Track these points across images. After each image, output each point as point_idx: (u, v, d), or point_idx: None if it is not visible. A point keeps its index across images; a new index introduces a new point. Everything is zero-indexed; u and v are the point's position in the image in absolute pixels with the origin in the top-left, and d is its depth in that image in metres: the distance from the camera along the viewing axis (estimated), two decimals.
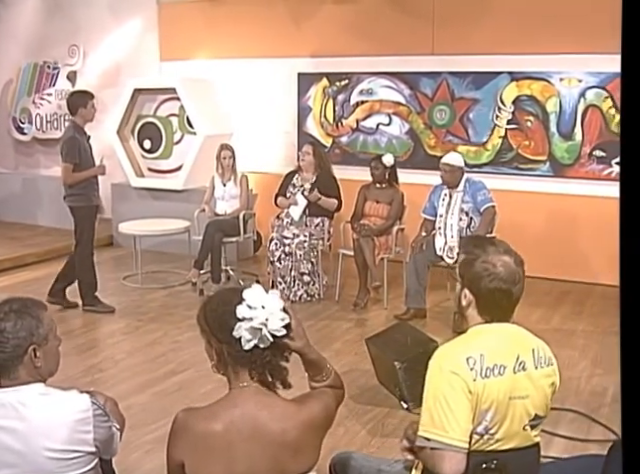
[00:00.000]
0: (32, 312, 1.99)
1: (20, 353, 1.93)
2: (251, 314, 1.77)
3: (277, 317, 1.78)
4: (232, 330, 1.79)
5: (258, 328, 1.77)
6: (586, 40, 6.26)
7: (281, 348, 1.85)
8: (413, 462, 2.17)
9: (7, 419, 1.88)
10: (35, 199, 9.23)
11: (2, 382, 1.96)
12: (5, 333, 1.92)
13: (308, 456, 1.85)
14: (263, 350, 1.81)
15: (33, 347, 1.95)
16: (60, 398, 1.97)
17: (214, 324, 1.86)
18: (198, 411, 1.89)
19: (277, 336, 1.80)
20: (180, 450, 1.80)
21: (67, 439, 1.88)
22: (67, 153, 5.56)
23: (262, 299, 1.79)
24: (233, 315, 1.78)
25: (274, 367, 1.84)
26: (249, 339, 1.79)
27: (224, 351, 1.84)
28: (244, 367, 1.83)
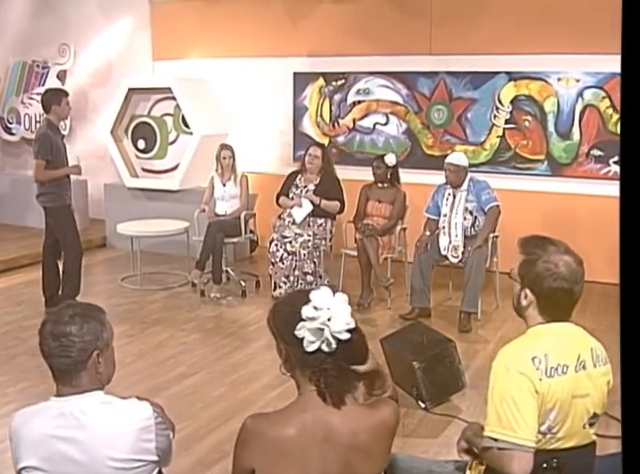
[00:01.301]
0: (96, 316, 1.94)
1: (84, 358, 1.87)
2: (315, 314, 1.74)
3: (341, 320, 1.75)
4: (295, 330, 1.77)
5: (320, 328, 1.74)
6: (584, 40, 6.32)
7: (345, 361, 1.80)
8: (466, 463, 2.16)
9: (68, 429, 1.83)
10: (24, 200, 9.07)
11: (62, 390, 1.90)
12: (71, 337, 1.86)
13: (378, 460, 1.83)
14: (326, 355, 1.77)
15: (97, 352, 1.90)
16: (122, 406, 1.92)
17: (280, 325, 1.84)
18: (268, 417, 1.86)
19: (341, 341, 1.76)
20: (251, 457, 1.77)
21: (131, 448, 1.84)
22: (39, 149, 5.46)
23: (328, 301, 1.76)
24: (298, 315, 1.76)
25: (332, 377, 1.78)
26: (312, 340, 1.76)
27: (290, 353, 1.82)
28: (307, 370, 1.81)
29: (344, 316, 1.75)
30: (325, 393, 1.78)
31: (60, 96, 5.51)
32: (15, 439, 1.88)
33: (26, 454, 1.83)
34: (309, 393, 1.81)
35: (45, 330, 1.88)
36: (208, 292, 6.28)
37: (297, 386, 1.87)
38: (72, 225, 5.72)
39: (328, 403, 1.78)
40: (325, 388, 1.78)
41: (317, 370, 1.78)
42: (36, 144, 5.45)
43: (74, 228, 5.73)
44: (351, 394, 1.83)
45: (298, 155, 7.87)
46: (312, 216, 6.19)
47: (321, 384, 1.78)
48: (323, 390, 1.78)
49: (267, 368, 4.74)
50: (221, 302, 6.17)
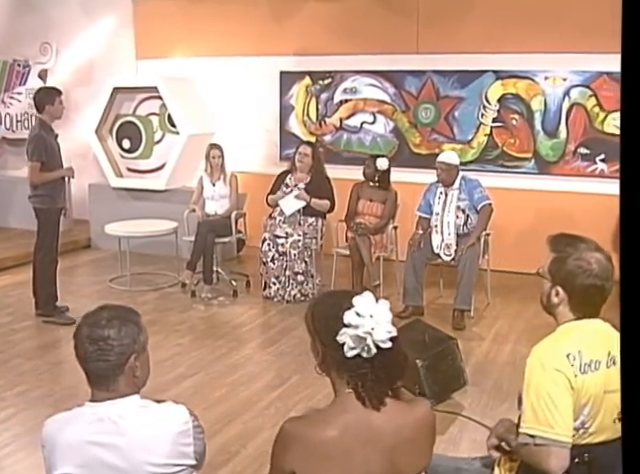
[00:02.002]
0: (132, 318, 1.91)
1: (122, 362, 1.84)
2: (358, 322, 1.72)
3: (384, 328, 1.74)
4: (336, 335, 1.75)
5: (363, 337, 1.74)
6: (571, 39, 6.40)
7: (384, 367, 1.78)
8: (495, 460, 2.18)
9: (106, 435, 1.79)
10: (5, 201, 8.96)
11: (98, 395, 1.86)
12: (109, 340, 1.82)
13: (422, 457, 1.83)
14: (364, 361, 1.77)
15: (134, 355, 1.86)
16: (160, 410, 1.89)
17: (320, 326, 1.82)
18: (307, 419, 1.85)
19: (382, 348, 1.76)
20: (291, 460, 1.75)
21: (170, 453, 1.81)
22: (33, 151, 5.36)
23: (371, 308, 1.75)
24: (340, 320, 1.74)
25: (370, 382, 1.77)
26: (352, 347, 1.75)
27: (328, 355, 1.81)
28: (344, 373, 1.80)
29: (387, 324, 1.74)
30: (364, 397, 1.77)
31: (54, 95, 5.43)
32: (49, 446, 1.84)
33: (61, 461, 1.80)
34: (347, 394, 1.80)
35: (81, 334, 1.84)
36: (199, 292, 6.25)
37: (333, 387, 1.86)
38: (55, 231, 5.62)
39: (367, 406, 1.77)
40: (363, 392, 1.77)
41: (355, 375, 1.77)
42: (30, 145, 5.36)
43: (56, 234, 5.63)
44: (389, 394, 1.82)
45: (285, 154, 7.88)
46: (303, 215, 6.18)
47: (359, 388, 1.78)
48: (362, 394, 1.77)
49: (265, 369, 4.74)
50: (212, 302, 6.14)
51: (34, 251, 5.75)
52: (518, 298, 6.23)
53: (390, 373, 1.79)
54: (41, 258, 5.60)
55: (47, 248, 5.58)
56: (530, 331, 5.44)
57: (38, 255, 5.63)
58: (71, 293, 6.18)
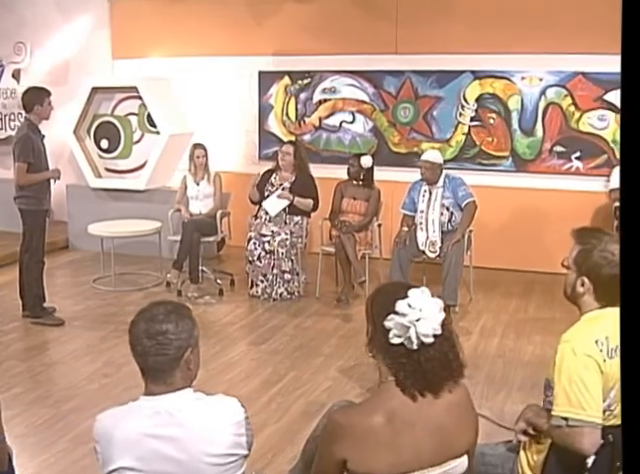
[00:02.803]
0: (187, 313, 1.96)
1: (179, 356, 1.88)
2: (407, 311, 1.81)
3: (430, 324, 1.82)
4: (385, 319, 1.84)
5: (407, 326, 1.82)
6: (547, 40, 6.57)
7: (425, 366, 1.85)
8: (520, 444, 2.28)
9: (164, 427, 1.84)
10: None
11: (154, 388, 1.90)
12: (168, 334, 1.86)
13: (467, 435, 1.92)
14: (407, 352, 1.84)
15: (190, 349, 1.91)
16: (214, 402, 1.95)
17: (375, 309, 1.92)
18: (355, 408, 1.93)
19: (425, 344, 1.84)
20: (342, 449, 1.83)
21: (226, 443, 1.86)
22: (20, 152, 5.32)
23: (423, 303, 1.83)
24: (392, 306, 1.83)
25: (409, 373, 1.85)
26: (397, 334, 1.83)
27: (375, 338, 1.89)
28: (387, 359, 1.88)
29: (434, 321, 1.82)
30: (403, 386, 1.85)
31: (43, 96, 5.40)
32: (104, 441, 1.88)
33: (119, 455, 1.83)
34: (390, 383, 1.88)
35: (139, 329, 1.87)
36: (185, 292, 6.27)
37: (379, 373, 1.93)
38: (42, 232, 5.60)
39: (406, 394, 1.85)
40: (403, 381, 1.85)
41: (395, 363, 1.85)
42: (17, 146, 5.31)
43: (42, 236, 5.61)
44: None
45: (264, 154, 7.94)
46: (288, 214, 6.23)
47: (399, 376, 1.86)
48: (401, 382, 1.86)
49: (261, 366, 4.79)
50: (199, 301, 6.16)
51: (20, 253, 5.71)
52: (500, 293, 6.39)
53: (430, 372, 1.85)
54: (27, 260, 5.56)
55: (33, 250, 5.55)
56: (515, 325, 5.59)
57: (24, 257, 5.59)
58: (55, 294, 6.13)
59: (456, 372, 1.91)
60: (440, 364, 1.86)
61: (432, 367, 1.85)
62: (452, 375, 1.90)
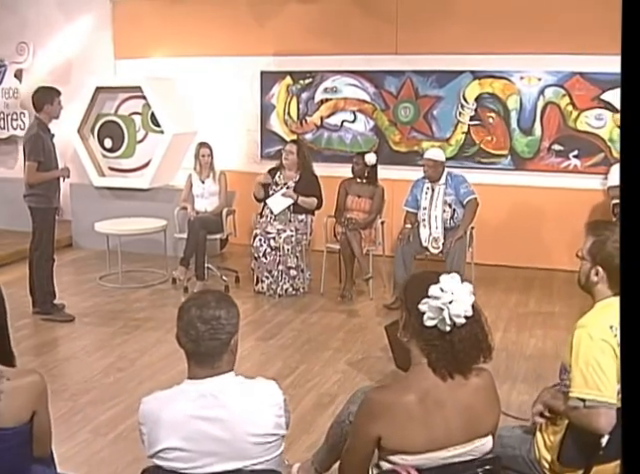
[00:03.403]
0: (233, 301, 2.07)
1: (229, 341, 1.98)
2: (439, 294, 1.93)
3: (461, 306, 1.94)
4: (419, 303, 1.95)
5: (441, 308, 1.94)
6: (545, 41, 6.71)
7: (457, 347, 1.97)
8: (536, 426, 2.40)
9: (210, 409, 1.94)
10: None
11: (200, 372, 2.00)
12: (221, 320, 1.96)
13: (492, 416, 2.05)
14: (440, 334, 1.96)
15: (236, 335, 2.03)
16: (256, 385, 2.06)
17: (409, 295, 2.04)
18: (390, 388, 2.05)
19: (457, 326, 1.95)
20: (378, 426, 1.94)
21: (268, 424, 1.97)
22: (31, 151, 5.42)
23: (454, 286, 1.95)
24: (425, 291, 1.95)
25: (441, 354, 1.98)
26: (431, 316, 1.95)
27: (409, 322, 2.01)
28: (420, 342, 1.99)
29: (465, 303, 1.94)
30: (435, 367, 1.97)
31: (53, 95, 5.49)
32: (150, 423, 1.98)
33: (165, 436, 1.94)
34: (422, 365, 2.00)
35: (192, 315, 1.96)
36: (191, 288, 6.36)
37: (412, 357, 2.05)
38: (51, 230, 5.69)
39: (437, 375, 1.97)
40: (435, 362, 1.97)
41: (429, 344, 1.97)
42: (27, 145, 5.40)
43: (51, 233, 5.70)
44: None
45: (266, 153, 8.04)
46: (293, 212, 6.34)
47: (431, 357, 1.98)
48: (433, 363, 1.98)
49: (271, 360, 4.89)
50: None
51: (30, 250, 5.79)
52: (500, 289, 6.51)
53: (461, 352, 1.97)
54: (38, 257, 5.65)
55: (44, 247, 5.64)
56: (516, 319, 5.72)
57: (35, 254, 5.67)
58: (62, 291, 6.20)
59: (485, 352, 2.03)
60: (471, 344, 1.98)
61: (463, 347, 1.97)
62: (481, 355, 2.02)
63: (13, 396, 2.02)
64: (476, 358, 2.02)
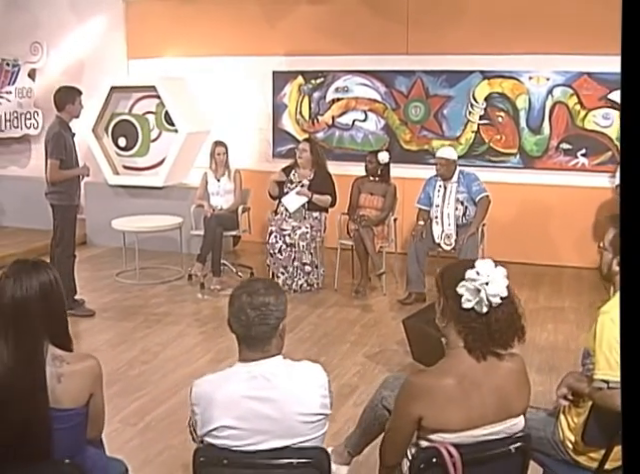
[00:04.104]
0: (280, 288, 2.20)
1: (277, 325, 2.11)
2: (476, 277, 2.06)
3: (497, 287, 2.07)
4: (457, 287, 2.08)
5: (478, 289, 2.06)
6: (554, 41, 6.83)
7: (493, 327, 2.09)
8: (559, 409, 2.53)
9: (261, 390, 2.07)
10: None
11: (251, 355, 2.12)
12: (270, 306, 2.08)
13: (524, 397, 2.17)
14: (477, 315, 2.09)
15: (284, 320, 2.15)
16: (303, 367, 2.20)
17: (446, 282, 2.17)
18: (429, 372, 2.18)
19: (492, 306, 2.08)
20: (419, 407, 2.07)
21: (315, 404, 2.10)
22: (53, 149, 5.54)
23: (490, 269, 2.08)
24: (462, 276, 2.08)
25: (478, 335, 2.10)
26: (468, 298, 2.07)
27: (447, 307, 2.13)
28: (458, 325, 2.11)
29: (500, 285, 2.07)
30: (472, 348, 2.10)
31: (74, 95, 5.62)
32: (204, 403, 2.10)
33: (219, 415, 2.06)
34: (459, 349, 2.12)
35: (242, 302, 2.09)
36: (207, 284, 6.49)
37: (447, 343, 2.18)
38: (72, 227, 5.81)
39: (473, 356, 2.10)
40: (472, 343, 2.10)
41: (466, 326, 2.10)
42: (50, 143, 5.52)
43: (73, 230, 5.83)
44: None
45: (277, 151, 8.17)
46: (307, 210, 6.46)
47: (468, 339, 2.10)
48: (470, 345, 2.10)
49: (291, 352, 4.88)
50: (222, 293, 6.38)
51: (51, 247, 5.92)
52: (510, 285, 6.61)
53: (497, 332, 2.10)
54: (60, 253, 5.76)
55: (65, 244, 5.76)
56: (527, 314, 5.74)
57: (56, 251, 5.79)
58: (81, 287, 6.30)
59: (519, 332, 2.16)
60: (507, 325, 2.11)
61: (500, 327, 2.09)
62: (516, 335, 2.14)
63: (72, 379, 2.15)
64: (511, 338, 2.14)
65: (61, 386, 2.11)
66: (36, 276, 2.13)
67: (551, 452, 2.54)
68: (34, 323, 2.09)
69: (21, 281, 2.10)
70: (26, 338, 2.08)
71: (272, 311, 2.09)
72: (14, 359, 2.06)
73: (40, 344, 2.11)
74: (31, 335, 2.09)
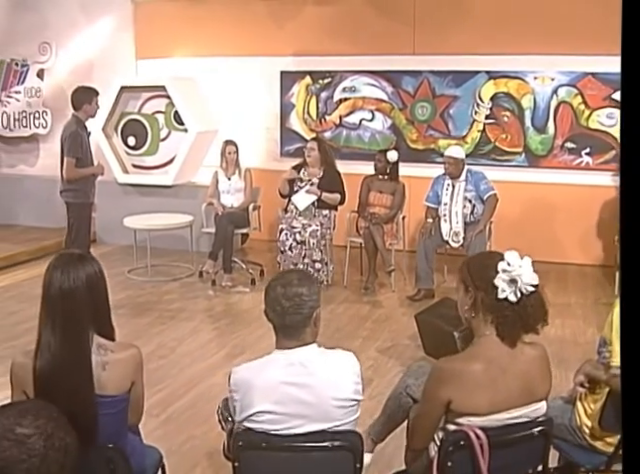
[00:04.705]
0: (314, 279, 2.31)
1: (311, 314, 2.22)
2: (510, 268, 2.16)
3: (530, 276, 2.18)
4: (492, 279, 2.18)
5: (514, 279, 2.16)
6: (558, 42, 6.95)
7: (524, 314, 2.19)
8: (576, 396, 2.64)
9: (298, 376, 2.18)
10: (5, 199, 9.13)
11: (287, 343, 2.23)
12: (303, 296, 2.19)
13: (547, 383, 2.28)
14: (509, 304, 2.19)
15: (318, 309, 2.26)
16: (338, 355, 2.30)
17: (476, 273, 2.25)
18: (457, 358, 2.29)
19: (524, 294, 2.18)
20: (448, 391, 2.18)
21: (349, 389, 2.21)
22: (70, 148, 5.66)
23: (519, 260, 2.19)
24: (494, 268, 2.17)
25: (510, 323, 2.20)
26: (504, 289, 2.18)
27: (479, 298, 2.23)
28: (490, 315, 2.22)
29: (532, 274, 2.18)
30: (504, 336, 2.21)
31: (92, 95, 5.74)
32: (243, 389, 2.21)
33: (259, 400, 2.17)
34: (487, 336, 2.23)
35: (277, 292, 2.20)
36: (219, 281, 6.59)
37: (475, 331, 2.28)
38: (88, 224, 5.94)
39: (505, 343, 2.21)
40: (504, 331, 2.20)
41: (499, 316, 2.20)
42: (67, 142, 5.63)
43: (88, 227, 5.96)
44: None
45: (285, 150, 8.27)
46: (317, 208, 6.56)
47: (500, 328, 2.20)
48: (502, 333, 2.21)
49: None
50: (233, 290, 6.49)
51: (65, 243, 6.03)
52: None
53: (528, 318, 2.21)
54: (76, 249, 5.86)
55: (81, 241, 5.86)
56: None
57: (72, 247, 5.89)
58: None
59: (546, 316, 2.26)
60: (537, 310, 2.22)
61: (533, 312, 2.20)
62: (544, 318, 2.25)
63: (116, 367, 2.25)
64: (539, 321, 2.25)
65: (106, 374, 2.22)
66: (82, 268, 2.24)
67: (568, 437, 2.65)
68: (81, 313, 2.20)
69: (69, 273, 2.20)
70: (73, 328, 2.19)
71: (305, 301, 2.20)
72: (62, 348, 2.17)
73: (86, 333, 2.21)
74: (78, 325, 2.19)
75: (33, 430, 1.17)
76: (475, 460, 2.13)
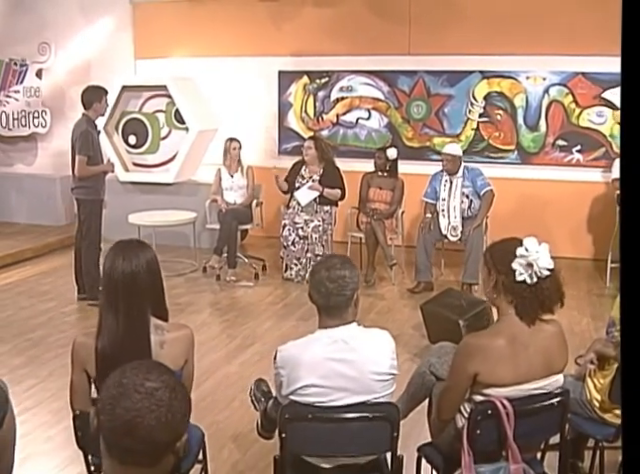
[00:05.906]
0: (354, 263, 2.50)
1: (352, 295, 2.41)
2: (527, 253, 2.37)
3: (545, 260, 2.39)
4: (510, 263, 2.38)
5: (531, 263, 2.37)
6: (550, 42, 7.19)
7: (541, 295, 2.39)
8: (586, 372, 2.86)
9: (340, 352, 2.37)
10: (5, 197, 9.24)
11: (330, 322, 2.42)
12: (346, 279, 2.38)
13: (564, 357, 2.50)
14: (527, 286, 2.40)
15: (358, 290, 2.46)
16: (375, 333, 2.51)
17: (497, 258, 2.47)
18: (483, 334, 2.50)
19: (541, 277, 2.39)
20: (475, 364, 2.38)
21: (387, 364, 2.42)
22: (82, 146, 5.80)
23: (536, 245, 2.40)
24: (513, 253, 2.38)
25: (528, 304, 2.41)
26: (521, 272, 2.39)
27: (500, 280, 2.44)
28: (510, 295, 2.43)
29: (548, 259, 2.39)
30: (523, 315, 2.42)
31: (101, 94, 5.89)
32: (291, 365, 2.40)
33: (305, 374, 2.36)
34: (509, 315, 2.44)
35: (321, 275, 2.39)
36: (223, 276, 6.77)
37: (498, 310, 2.49)
38: (98, 220, 6.09)
39: (523, 322, 2.42)
40: (523, 311, 2.42)
41: (518, 296, 2.41)
42: (79, 140, 5.78)
43: (99, 223, 6.10)
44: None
45: (283, 149, 8.46)
46: (319, 204, 6.76)
47: (519, 307, 2.42)
48: (521, 313, 2.42)
49: None
50: (237, 284, 6.66)
51: (76, 239, 6.18)
52: None
53: (544, 299, 2.42)
54: (87, 246, 6.02)
55: (92, 236, 6.02)
56: None
57: (83, 243, 6.05)
58: None
59: (562, 297, 2.47)
60: (553, 292, 2.43)
61: (549, 294, 2.41)
62: (560, 300, 2.46)
63: (173, 346, 2.45)
64: (558, 303, 2.46)
65: (163, 352, 2.41)
66: (142, 254, 2.42)
67: (578, 411, 2.87)
68: (141, 296, 2.39)
69: (130, 259, 2.39)
70: (134, 310, 2.38)
71: (348, 283, 2.39)
72: (124, 329, 2.36)
73: (146, 315, 2.40)
74: (138, 307, 2.38)
75: (159, 384, 1.36)
76: (502, 428, 2.34)
